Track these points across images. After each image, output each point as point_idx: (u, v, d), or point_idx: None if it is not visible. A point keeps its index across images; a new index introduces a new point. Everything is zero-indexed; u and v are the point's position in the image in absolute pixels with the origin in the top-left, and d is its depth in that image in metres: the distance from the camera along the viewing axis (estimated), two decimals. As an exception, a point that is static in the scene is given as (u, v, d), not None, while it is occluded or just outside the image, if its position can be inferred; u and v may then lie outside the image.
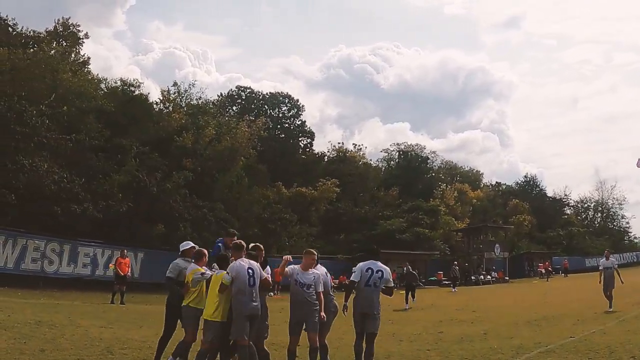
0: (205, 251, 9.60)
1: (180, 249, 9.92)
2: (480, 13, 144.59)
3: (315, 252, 9.63)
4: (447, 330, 15.01)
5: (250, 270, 8.47)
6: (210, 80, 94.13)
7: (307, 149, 61.48)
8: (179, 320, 9.32)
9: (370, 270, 9.58)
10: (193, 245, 9.97)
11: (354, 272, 9.78)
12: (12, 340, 10.87)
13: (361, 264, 9.83)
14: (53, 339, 11.45)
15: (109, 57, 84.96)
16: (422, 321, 17.90)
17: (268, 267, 9.32)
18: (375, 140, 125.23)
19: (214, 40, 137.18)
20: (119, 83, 39.34)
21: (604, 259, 19.49)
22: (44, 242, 26.90)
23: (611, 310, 17.40)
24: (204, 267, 9.19)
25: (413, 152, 67.77)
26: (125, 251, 23.91)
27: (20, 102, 26.87)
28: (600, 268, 19.44)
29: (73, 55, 40.01)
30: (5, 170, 25.99)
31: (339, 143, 65.65)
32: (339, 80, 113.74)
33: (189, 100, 47.41)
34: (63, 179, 27.86)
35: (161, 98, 41.89)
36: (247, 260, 8.70)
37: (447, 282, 41.68)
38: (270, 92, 63.99)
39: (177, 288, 9.31)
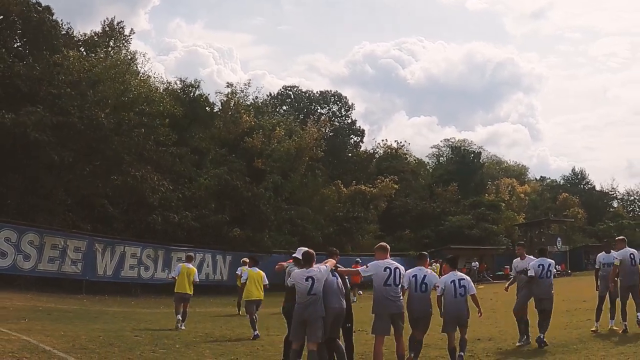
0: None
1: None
2: (503, 7, 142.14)
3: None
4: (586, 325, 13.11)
5: None
6: (236, 79, 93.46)
7: (357, 147, 60.93)
8: None
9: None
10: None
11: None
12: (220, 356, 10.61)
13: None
14: (251, 353, 11.19)
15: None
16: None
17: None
18: (402, 135, 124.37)
19: (238, 38, 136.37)
20: (178, 84, 38.56)
21: (603, 252, 12.73)
22: (140, 249, 27.06)
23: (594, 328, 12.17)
24: None
25: (464, 148, 67.18)
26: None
27: (113, 110, 26.50)
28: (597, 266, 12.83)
29: (122, 54, 38.49)
30: (108, 180, 25.72)
31: (382, 140, 65.26)
32: (365, 76, 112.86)
33: (245, 101, 46.77)
34: (168, 190, 27.63)
35: (225, 99, 41.40)
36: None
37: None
38: (319, 91, 63.64)
39: None
